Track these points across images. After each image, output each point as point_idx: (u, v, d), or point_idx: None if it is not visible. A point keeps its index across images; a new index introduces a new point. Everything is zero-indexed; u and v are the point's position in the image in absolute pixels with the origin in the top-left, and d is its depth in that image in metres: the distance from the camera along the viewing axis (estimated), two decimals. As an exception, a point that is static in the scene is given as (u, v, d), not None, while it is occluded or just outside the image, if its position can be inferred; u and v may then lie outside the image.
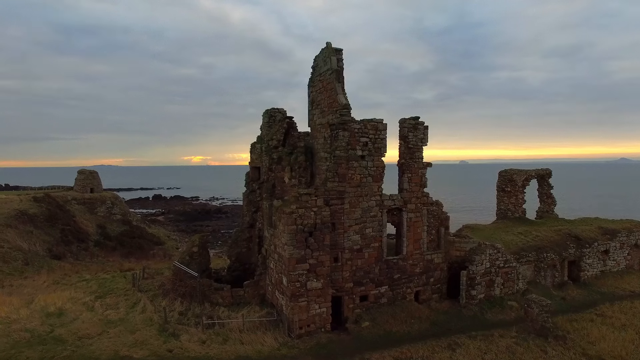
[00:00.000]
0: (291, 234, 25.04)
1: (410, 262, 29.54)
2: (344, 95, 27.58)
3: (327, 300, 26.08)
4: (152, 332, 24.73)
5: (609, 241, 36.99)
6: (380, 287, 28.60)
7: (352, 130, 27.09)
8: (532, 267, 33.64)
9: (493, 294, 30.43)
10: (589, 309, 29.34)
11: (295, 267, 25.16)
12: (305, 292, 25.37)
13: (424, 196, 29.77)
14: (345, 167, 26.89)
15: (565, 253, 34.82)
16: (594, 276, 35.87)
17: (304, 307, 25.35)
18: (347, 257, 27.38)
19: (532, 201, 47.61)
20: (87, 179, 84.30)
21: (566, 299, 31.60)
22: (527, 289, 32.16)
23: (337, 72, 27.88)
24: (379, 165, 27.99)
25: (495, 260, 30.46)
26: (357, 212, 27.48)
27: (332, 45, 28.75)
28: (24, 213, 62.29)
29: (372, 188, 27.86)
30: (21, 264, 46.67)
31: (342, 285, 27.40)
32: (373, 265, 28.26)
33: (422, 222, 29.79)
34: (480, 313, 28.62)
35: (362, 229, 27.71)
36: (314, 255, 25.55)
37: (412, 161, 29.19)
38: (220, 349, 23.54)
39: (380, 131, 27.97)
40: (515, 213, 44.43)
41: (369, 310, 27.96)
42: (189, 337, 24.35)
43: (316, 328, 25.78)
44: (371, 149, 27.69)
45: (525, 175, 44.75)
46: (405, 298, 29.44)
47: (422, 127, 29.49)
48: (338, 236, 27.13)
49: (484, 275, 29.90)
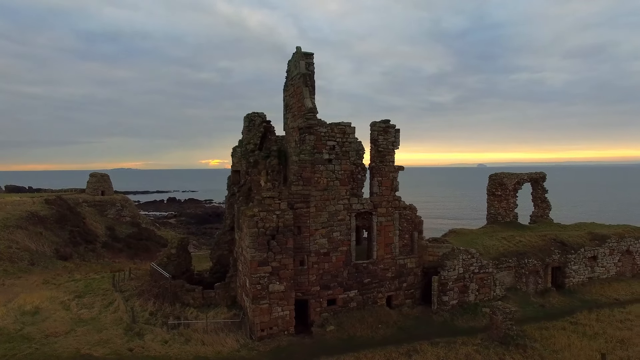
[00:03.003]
0: (253, 237, 25.30)
1: (381, 266, 29.34)
2: (311, 99, 27.73)
3: (290, 304, 26.17)
4: (119, 331, 25.35)
5: (597, 247, 35.82)
6: (349, 291, 28.51)
7: (318, 134, 27.20)
8: (513, 273, 32.92)
9: (467, 300, 29.89)
10: (565, 316, 28.48)
11: (257, 270, 25.37)
12: (267, 295, 25.53)
13: (395, 200, 29.55)
14: (310, 170, 26.99)
15: (548, 259, 33.90)
16: (580, 283, 34.79)
17: (266, 309, 25.51)
18: (313, 260, 27.43)
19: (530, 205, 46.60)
20: (98, 181, 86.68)
21: (545, 306, 30.75)
22: (506, 296, 31.48)
23: (305, 76, 28.06)
24: (346, 169, 27.98)
25: (469, 265, 29.93)
26: (323, 215, 27.52)
27: (303, 49, 28.97)
28: (34, 215, 64.43)
29: (339, 192, 27.85)
30: (27, 264, 48.36)
31: (308, 289, 27.45)
32: (341, 269, 28.20)
33: (393, 226, 29.57)
34: (450, 319, 28.16)
35: (329, 233, 27.71)
36: (276, 259, 25.71)
37: (382, 165, 29.05)
38: (181, 349, 23.93)
39: (348, 135, 27.98)
40: (506, 217, 43.53)
41: (337, 314, 27.91)
42: (152, 337, 24.86)
43: (279, 331, 25.89)
44: (338, 152, 27.71)
45: (517, 179, 43.78)
46: (376, 303, 29.25)
47: (393, 131, 29.33)
48: (304, 239, 27.22)
49: (456, 280, 29.41)
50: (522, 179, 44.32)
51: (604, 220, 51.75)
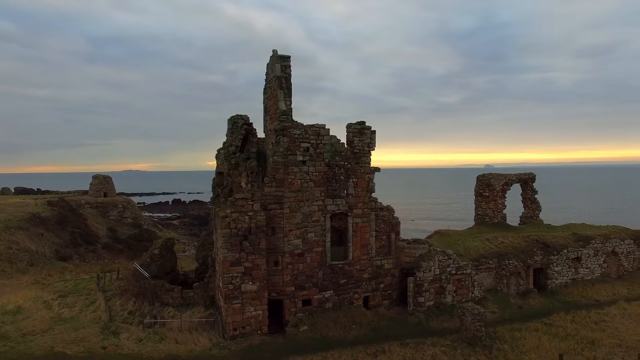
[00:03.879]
0: (225, 237, 25.70)
1: (357, 267, 29.51)
2: (285, 101, 28.08)
3: (263, 303, 26.50)
4: (95, 330, 25.92)
5: (581, 248, 35.56)
6: (325, 292, 28.73)
7: (292, 136, 27.53)
8: (493, 274, 32.85)
9: (444, 301, 29.94)
10: (541, 318, 28.41)
11: (230, 270, 25.76)
12: (240, 295, 25.90)
13: (371, 201, 29.72)
14: (283, 172, 27.32)
15: (530, 260, 33.76)
16: (563, 284, 34.56)
17: (238, 309, 25.87)
18: (287, 261, 27.73)
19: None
20: (101, 183, 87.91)
21: (523, 308, 30.67)
22: (485, 297, 31.46)
23: (279, 78, 28.43)
24: (321, 170, 28.25)
25: (446, 267, 29.98)
26: (297, 216, 27.81)
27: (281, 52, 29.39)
28: (36, 216, 65.59)
29: (313, 193, 28.12)
30: (25, 265, 49.30)
31: (282, 289, 27.76)
32: (316, 270, 28.46)
33: (369, 227, 29.73)
34: (425, 320, 28.24)
35: (303, 234, 28.00)
36: (249, 259, 26.06)
37: (358, 166, 29.24)
38: (154, 347, 24.40)
39: (322, 136, 28.27)
40: (494, 219, 43.38)
41: (313, 314, 28.15)
42: (128, 336, 25.36)
43: (252, 330, 26.23)
44: (313, 154, 28.00)
45: (505, 180, 43.61)
46: (352, 303, 29.42)
47: (368, 132, 29.53)
48: (278, 240, 27.55)
49: (432, 282, 29.48)
50: (511, 180, 44.14)
51: (603, 221, 51.29)
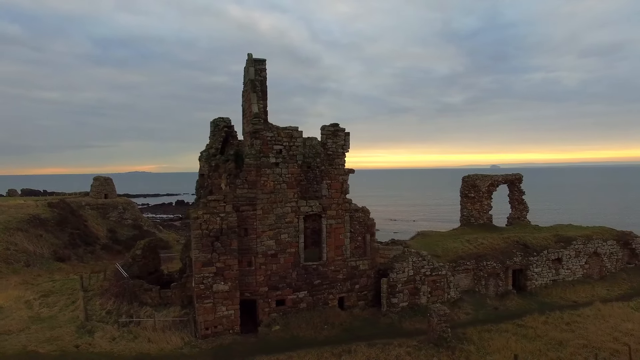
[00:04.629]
0: (197, 238, 26.17)
1: (331, 268, 29.78)
2: (258, 104, 28.49)
3: (234, 303, 26.89)
4: (71, 329, 26.53)
5: (562, 249, 35.41)
6: (299, 292, 29.04)
7: (264, 138, 27.93)
8: (471, 275, 32.89)
9: (419, 302, 30.06)
10: (515, 319, 28.37)
11: (201, 270, 26.21)
12: (212, 294, 26.33)
13: (345, 202, 29.97)
14: (255, 174, 27.73)
15: (509, 261, 33.72)
16: (543, 285, 34.45)
17: (210, 308, 26.31)
18: (260, 261, 28.10)
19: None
20: (101, 185, 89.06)
21: (498, 309, 30.66)
22: (461, 298, 31.53)
23: (253, 82, 28.87)
24: (294, 172, 28.59)
25: (420, 268, 30.12)
26: (270, 217, 28.18)
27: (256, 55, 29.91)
28: (36, 217, 66.67)
29: (286, 194, 28.47)
30: (22, 266, 50.24)
31: (256, 289, 28.14)
32: (290, 271, 28.79)
33: (344, 228, 29.99)
34: (398, 321, 28.39)
35: (276, 235, 28.35)
36: (221, 259, 26.48)
37: (331, 168, 29.52)
38: (126, 346, 24.92)
39: (295, 139, 28.62)
40: (480, 220, 43.29)
41: (287, 314, 28.48)
42: (102, 334, 25.92)
43: (224, 330, 26.64)
44: (286, 156, 28.36)
45: (490, 181, 43.52)
46: (327, 304, 29.68)
47: (342, 134, 29.81)
48: (251, 241, 27.93)
49: (406, 283, 29.64)
50: (497, 181, 44.03)
51: (600, 222, 50.78)
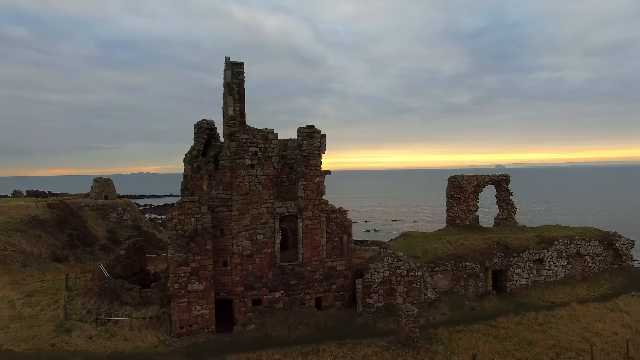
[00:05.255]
0: (172, 239, 26.69)
1: (308, 268, 30.10)
2: (234, 107, 28.90)
3: (209, 302, 27.34)
4: (50, 328, 27.15)
5: (543, 250, 35.38)
6: (275, 292, 29.41)
7: (239, 141, 28.37)
8: (450, 276, 33.00)
9: (395, 302, 30.25)
10: (489, 320, 28.50)
11: (176, 270, 26.71)
12: (187, 294, 26.80)
13: (321, 203, 30.28)
14: (230, 175, 28.16)
15: (489, 262, 33.79)
16: (524, 286, 34.46)
17: (185, 307, 26.78)
18: (236, 261, 28.52)
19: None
20: (101, 186, 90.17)
21: (475, 310, 30.75)
22: (438, 299, 31.68)
23: (229, 85, 29.30)
24: (269, 174, 28.98)
25: (396, 268, 30.33)
26: (246, 218, 28.59)
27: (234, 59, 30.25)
28: (35, 218, 67.70)
29: (262, 196, 28.86)
30: (19, 266, 51.13)
31: (232, 289, 28.56)
32: (266, 271, 29.17)
33: (320, 229, 30.30)
34: (372, 322, 28.63)
35: (252, 235, 28.76)
36: (196, 259, 26.95)
37: (307, 169, 29.85)
38: (102, 344, 25.46)
39: (270, 141, 29.01)
40: (466, 220, 43.35)
41: (263, 314, 28.86)
42: (79, 333, 26.50)
43: (199, 328, 27.10)
44: (261, 158, 28.76)
45: (476, 182, 43.55)
46: (304, 304, 30.01)
47: (318, 136, 30.12)
48: (226, 241, 28.38)
49: (381, 283, 29.87)
50: (483, 181, 44.05)
51: (595, 222, 50.36)
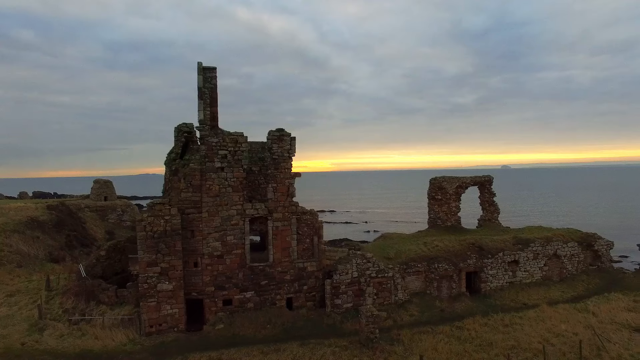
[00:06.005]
0: (141, 240, 27.36)
1: (278, 269, 30.59)
2: (204, 111, 29.55)
3: (179, 302, 27.96)
4: (23, 327, 27.91)
5: (518, 251, 35.43)
6: (246, 292, 29.94)
7: (209, 144, 28.98)
8: (422, 277, 33.24)
9: (364, 303, 30.53)
10: (456, 321, 28.63)
11: (146, 270, 27.39)
12: (156, 294, 27.46)
13: (292, 205, 30.74)
14: (199, 178, 28.78)
15: (462, 264, 33.95)
16: (499, 288, 34.55)
17: (154, 307, 27.44)
18: (207, 262, 29.12)
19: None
20: (101, 187, 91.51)
21: (444, 311, 30.96)
22: (409, 300, 31.95)
23: (200, 89, 29.92)
24: (239, 176, 29.53)
25: (365, 270, 30.66)
26: (216, 220, 29.17)
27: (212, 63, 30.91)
28: (34, 220, 68.90)
29: (232, 198, 29.42)
30: (14, 267, 52.28)
31: (202, 289, 29.16)
32: (236, 271, 29.71)
33: (290, 230, 30.76)
34: (340, 322, 29.00)
35: (222, 237, 29.32)
36: (165, 260, 27.61)
37: (277, 172, 30.34)
38: (73, 343, 26.17)
39: (240, 144, 29.57)
40: (447, 222, 43.45)
41: (233, 314, 29.41)
42: (51, 332, 27.24)
43: (168, 327, 27.73)
44: (230, 161, 29.32)
45: (458, 183, 43.64)
46: (275, 304, 30.50)
47: (288, 139, 30.60)
48: (197, 242, 28.99)
49: (350, 284, 30.22)
50: (465, 183, 44.13)
51: (593, 223, 49.93)
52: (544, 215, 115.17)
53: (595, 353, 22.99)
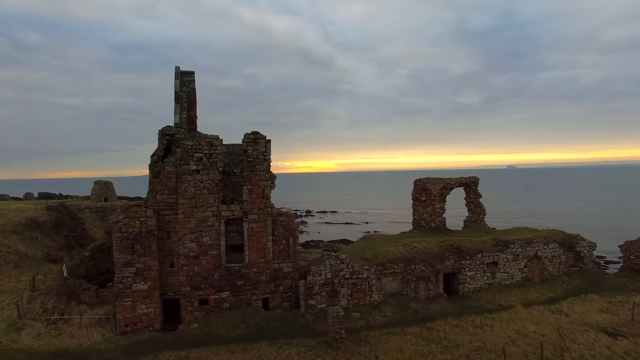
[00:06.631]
0: (117, 241, 27.95)
1: (254, 270, 31.00)
2: (180, 115, 30.12)
3: (154, 302, 28.49)
4: (1, 327, 28.48)
5: (498, 253, 35.47)
6: (222, 293, 30.41)
7: (184, 147, 29.50)
8: (399, 279, 33.44)
9: (338, 304, 30.83)
10: (427, 322, 28.78)
11: (122, 270, 27.96)
12: (131, 293, 28.02)
13: (267, 207, 31.15)
14: (175, 180, 29.30)
15: (440, 265, 34.08)
16: (478, 289, 34.62)
17: (129, 306, 28.00)
18: (183, 262, 29.64)
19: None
20: (102, 188, 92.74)
21: (418, 312, 31.11)
22: (385, 301, 32.18)
23: (176, 94, 30.49)
24: (214, 178, 30.01)
25: (339, 271, 30.95)
26: (192, 221, 29.67)
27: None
28: (33, 220, 70.00)
29: (207, 199, 29.90)
30: (11, 267, 53.40)
31: (178, 289, 29.69)
32: (212, 272, 30.19)
33: (266, 232, 31.17)
34: (313, 322, 29.32)
35: (198, 238, 29.82)
36: (140, 260, 28.15)
37: (252, 174, 30.77)
38: (48, 342, 26.78)
39: (215, 147, 30.05)
40: (432, 223, 43.60)
41: (209, 313, 29.89)
42: (29, 332, 27.88)
43: (143, 326, 28.27)
44: (206, 163, 29.82)
45: (442, 184, 43.77)
46: (251, 304, 30.92)
47: (263, 141, 31.02)
48: (173, 243, 29.52)
49: (324, 285, 30.54)
50: (450, 184, 44.25)
51: (591, 223, 49.38)
52: (543, 215, 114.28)
53: (558, 354, 23.06)
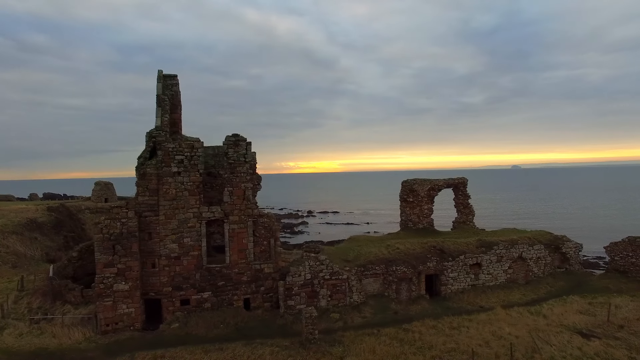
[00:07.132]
0: (98, 242, 28.43)
1: (235, 270, 31.36)
2: (162, 118, 30.54)
3: (135, 302, 28.93)
4: (-15, 326, 29.22)
5: (481, 254, 35.50)
6: (203, 293, 30.79)
7: (166, 150, 29.92)
8: (380, 280, 33.61)
9: (318, 305, 31.09)
10: (404, 324, 28.88)
11: (103, 271, 28.44)
12: (112, 293, 28.49)
13: (248, 208, 31.49)
14: (156, 182, 29.73)
15: (422, 266, 34.19)
16: (460, 291, 34.67)
17: (110, 306, 28.47)
18: (164, 263, 30.07)
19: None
20: (102, 189, 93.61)
21: (398, 314, 31.23)
22: (365, 302, 32.35)
23: (158, 97, 30.94)
24: (195, 180, 30.41)
25: (318, 272, 31.19)
26: (173, 223, 30.10)
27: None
28: (33, 221, 71.04)
29: (188, 201, 30.31)
30: (9, 267, 54.32)
31: (160, 289, 30.12)
32: (193, 272, 30.59)
33: (247, 233, 31.52)
34: (291, 323, 29.57)
35: (179, 238, 30.24)
36: (122, 261, 28.61)
37: (233, 176, 31.13)
38: (29, 341, 27.29)
39: (196, 149, 30.45)
40: (419, 224, 43.69)
41: (191, 313, 30.30)
42: (11, 331, 28.40)
43: (124, 326, 28.72)
44: (187, 165, 30.22)
45: (430, 185, 43.84)
46: (232, 304, 31.28)
47: (243, 144, 31.37)
48: (154, 244, 29.96)
49: (303, 286, 30.79)
50: (437, 185, 44.30)
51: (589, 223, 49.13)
52: (544, 216, 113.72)
53: (530, 355, 23.12)
